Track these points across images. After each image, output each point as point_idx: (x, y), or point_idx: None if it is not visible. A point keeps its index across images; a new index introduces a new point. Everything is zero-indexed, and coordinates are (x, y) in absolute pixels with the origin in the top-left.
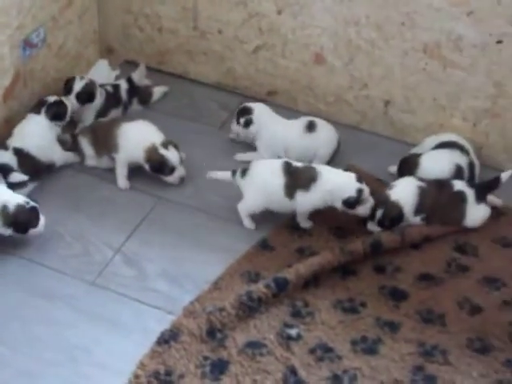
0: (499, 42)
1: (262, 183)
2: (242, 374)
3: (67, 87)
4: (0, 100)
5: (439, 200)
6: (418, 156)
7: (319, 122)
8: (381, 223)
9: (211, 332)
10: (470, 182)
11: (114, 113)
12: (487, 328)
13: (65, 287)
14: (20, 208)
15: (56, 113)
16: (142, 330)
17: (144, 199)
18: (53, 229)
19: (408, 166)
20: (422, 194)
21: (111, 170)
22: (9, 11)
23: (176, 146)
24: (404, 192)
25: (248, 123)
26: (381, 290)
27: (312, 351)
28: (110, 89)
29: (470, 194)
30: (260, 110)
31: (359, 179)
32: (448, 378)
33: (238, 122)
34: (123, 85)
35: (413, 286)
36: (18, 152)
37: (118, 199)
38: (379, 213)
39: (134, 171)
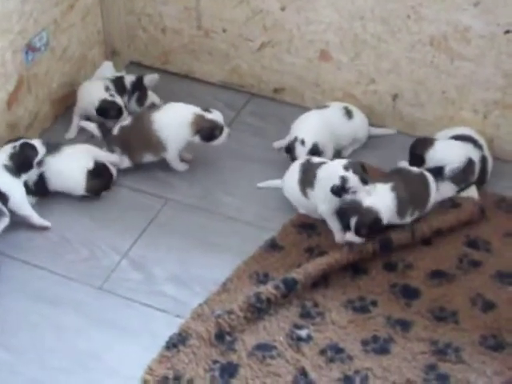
0: (507, 32)
1: (285, 182)
2: (252, 377)
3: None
4: (4, 106)
5: (412, 188)
6: (434, 139)
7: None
8: (358, 232)
9: (220, 335)
10: (482, 176)
11: (124, 100)
12: (501, 324)
13: (72, 293)
14: None
15: (98, 184)
16: (151, 335)
17: (151, 201)
18: (59, 234)
19: (422, 144)
20: (400, 189)
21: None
22: (10, 16)
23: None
24: (380, 195)
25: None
26: (392, 289)
27: (322, 352)
28: (112, 77)
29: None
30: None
31: (347, 167)
32: (461, 376)
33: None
34: (128, 77)
35: (424, 284)
36: (41, 175)
37: (125, 202)
38: (353, 221)
39: (140, 173)
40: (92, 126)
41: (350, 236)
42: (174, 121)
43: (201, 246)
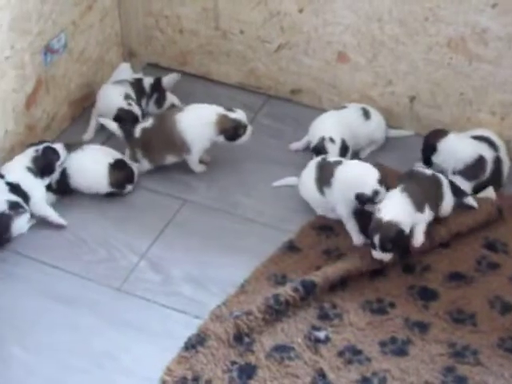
0: None
1: (301, 181)
2: (270, 379)
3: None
4: (23, 107)
5: (423, 186)
6: (448, 131)
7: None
8: (383, 248)
9: (238, 336)
10: (497, 178)
11: (143, 103)
12: None
13: (90, 293)
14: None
15: (114, 195)
16: (169, 335)
17: (168, 202)
18: (76, 234)
19: (435, 134)
20: (410, 187)
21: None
22: (29, 17)
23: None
24: (396, 208)
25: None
26: (410, 290)
27: (341, 354)
28: (131, 80)
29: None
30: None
31: (382, 181)
32: (479, 378)
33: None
34: (147, 79)
35: (442, 286)
36: (63, 176)
37: (142, 203)
38: (376, 239)
39: (158, 174)
40: (113, 125)
41: (377, 254)
42: (198, 121)
43: (219, 248)
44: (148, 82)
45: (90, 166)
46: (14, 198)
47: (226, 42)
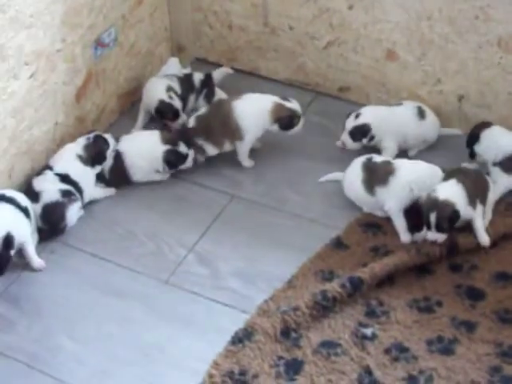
0: None
1: (346, 181)
2: (317, 374)
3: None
4: (73, 100)
5: (473, 180)
6: (491, 124)
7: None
8: (439, 227)
9: (286, 331)
10: None
11: (192, 98)
12: None
13: (138, 286)
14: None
15: (173, 161)
16: (216, 329)
17: (217, 197)
18: (126, 227)
19: (481, 124)
20: (464, 181)
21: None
22: (80, 11)
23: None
24: (450, 189)
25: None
26: (457, 289)
27: (387, 351)
28: (180, 75)
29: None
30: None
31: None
32: None
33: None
34: (197, 75)
35: (489, 285)
36: (117, 155)
37: (192, 197)
38: (433, 216)
39: (206, 169)
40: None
41: (432, 235)
42: (254, 109)
43: (266, 243)
44: (198, 77)
45: (142, 135)
46: (65, 186)
47: (275, 38)
